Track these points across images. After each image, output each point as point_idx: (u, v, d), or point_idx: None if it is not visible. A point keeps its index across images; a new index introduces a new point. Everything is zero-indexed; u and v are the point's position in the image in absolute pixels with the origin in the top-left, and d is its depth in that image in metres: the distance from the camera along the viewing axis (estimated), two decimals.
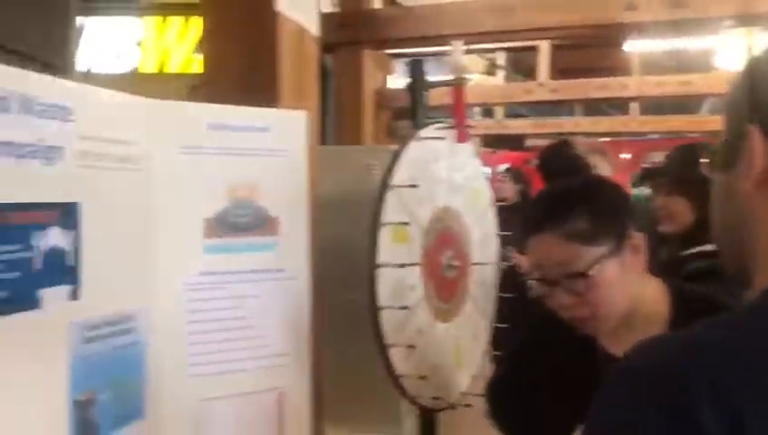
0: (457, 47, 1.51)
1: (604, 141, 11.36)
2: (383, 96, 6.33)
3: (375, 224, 1.38)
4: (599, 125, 8.63)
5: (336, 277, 1.49)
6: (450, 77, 1.65)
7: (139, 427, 1.11)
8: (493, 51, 8.68)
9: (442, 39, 4.88)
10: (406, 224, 1.39)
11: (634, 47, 7.80)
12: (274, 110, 1.32)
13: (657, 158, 11.47)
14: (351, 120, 4.57)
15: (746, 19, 5.26)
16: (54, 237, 0.94)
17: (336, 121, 4.63)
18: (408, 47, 6.23)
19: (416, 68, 1.49)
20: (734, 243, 0.67)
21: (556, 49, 8.01)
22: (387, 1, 6.23)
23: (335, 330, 1.49)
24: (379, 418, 1.83)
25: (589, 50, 8.33)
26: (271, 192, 1.28)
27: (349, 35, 4.36)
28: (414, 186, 1.43)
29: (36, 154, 0.91)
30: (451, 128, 1.51)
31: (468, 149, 1.64)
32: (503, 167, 13.11)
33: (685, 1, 3.34)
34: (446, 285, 1.49)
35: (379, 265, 1.36)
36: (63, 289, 0.96)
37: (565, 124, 8.92)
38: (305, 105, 1.43)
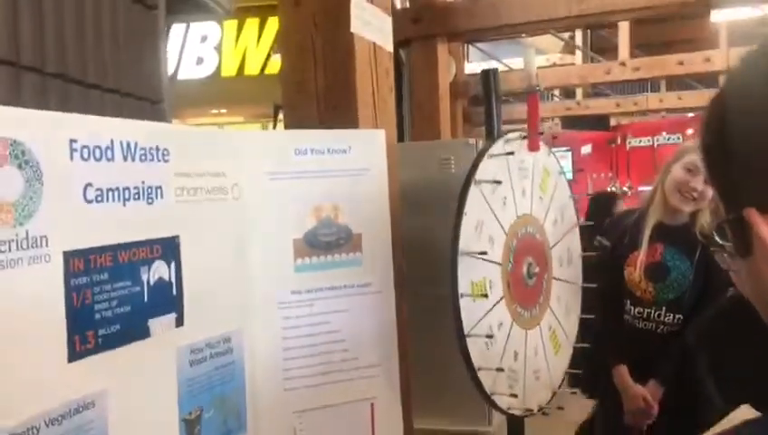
0: (530, 56, 1.52)
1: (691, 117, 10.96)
2: (459, 85, 6.32)
3: (459, 214, 1.39)
4: (684, 100, 8.33)
5: (416, 272, 1.53)
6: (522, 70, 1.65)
7: None
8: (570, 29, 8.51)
9: (515, 28, 4.84)
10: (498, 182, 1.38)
11: (721, 17, 7.47)
12: (354, 131, 1.36)
13: None
14: (427, 113, 4.60)
15: None
16: (159, 271, 1.01)
17: (412, 116, 4.66)
18: (482, 38, 6.20)
19: (488, 78, 1.50)
20: None
21: (635, 24, 7.77)
22: None
23: (420, 324, 1.52)
24: (468, 411, 1.86)
25: (670, 22, 8.04)
26: (353, 210, 1.33)
27: (422, 30, 4.38)
28: (498, 181, 1.44)
29: (139, 195, 0.98)
30: (525, 137, 1.52)
31: (550, 160, 1.65)
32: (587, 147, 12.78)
33: None
34: (526, 293, 1.51)
35: (460, 253, 1.37)
36: (169, 318, 1.03)
37: (649, 101, 8.63)
38: (383, 120, 1.48)
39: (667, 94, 8.53)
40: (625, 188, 11.03)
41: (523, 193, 1.54)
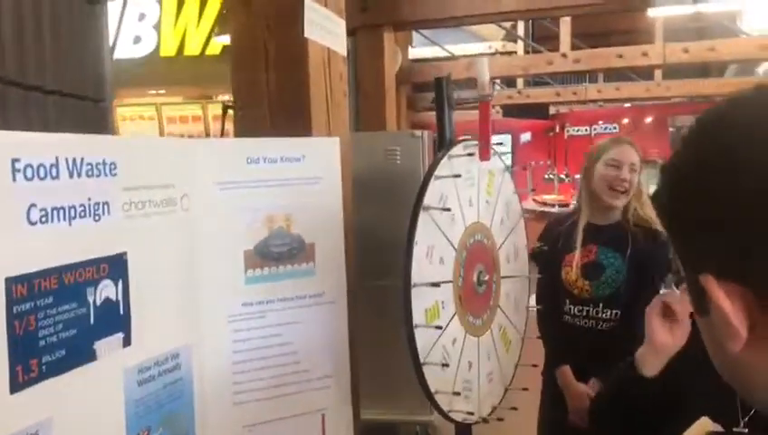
0: (483, 65, 1.51)
1: (627, 107, 11.23)
2: (403, 71, 6.30)
3: (410, 243, 1.39)
4: (621, 91, 8.51)
5: (362, 262, 1.52)
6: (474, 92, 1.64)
7: None
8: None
9: (461, 20, 4.84)
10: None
11: (658, 12, 7.64)
12: (308, 139, 1.34)
13: (682, 122, 11.32)
14: (374, 103, 4.57)
15: None
16: (106, 290, 0.97)
17: (358, 105, 4.63)
18: (427, 27, 6.18)
19: (440, 86, 1.48)
20: (735, 382, 0.59)
21: (576, 15, 7.87)
22: None
23: (366, 313, 1.51)
24: (410, 401, 1.86)
25: (610, 14, 8.17)
26: (306, 220, 1.31)
27: (369, 19, 4.34)
28: (447, 209, 1.44)
29: (86, 213, 0.94)
30: (477, 145, 1.52)
31: (498, 164, 1.65)
32: (527, 134, 12.94)
33: None
34: (477, 301, 1.51)
35: (413, 285, 1.38)
36: (116, 338, 1.00)
37: (588, 91, 8.79)
38: (337, 126, 1.45)
39: (605, 85, 8.70)
40: (562, 176, 11.27)
41: (470, 203, 1.54)
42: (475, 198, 1.60)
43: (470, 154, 1.56)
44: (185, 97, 9.12)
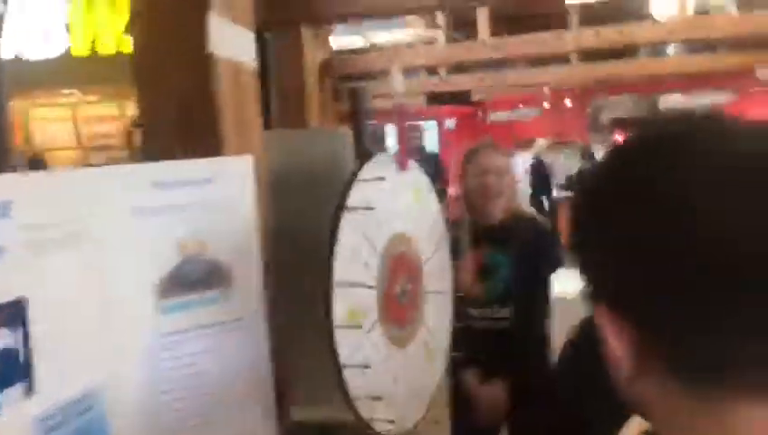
0: (397, 77, 1.50)
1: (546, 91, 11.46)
2: (326, 63, 6.24)
3: (332, 243, 1.36)
4: (541, 76, 8.69)
5: (285, 262, 1.49)
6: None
7: None
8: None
9: (378, 14, 4.82)
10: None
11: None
12: (218, 159, 1.30)
13: (599, 103, 11.62)
14: (294, 100, 4.50)
15: None
16: (3, 340, 0.92)
17: (279, 102, 4.55)
18: (346, 22, 6.14)
19: (356, 97, 1.47)
20: (634, 407, 0.60)
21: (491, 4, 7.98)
22: None
23: (289, 314, 1.49)
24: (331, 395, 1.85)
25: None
26: (221, 243, 1.27)
27: (285, 14, 4.26)
28: (370, 208, 1.42)
29: None
30: (396, 154, 1.51)
31: (420, 176, 1.65)
32: (452, 121, 13.08)
33: None
34: (400, 312, 1.51)
35: (334, 285, 1.35)
36: (18, 388, 0.94)
37: (509, 77, 8.94)
38: (250, 144, 1.41)
39: (524, 71, 8.85)
40: None
41: (395, 213, 1.53)
42: (401, 209, 1.60)
43: (392, 162, 1.56)
44: (101, 96, 8.84)
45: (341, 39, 8.06)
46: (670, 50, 8.91)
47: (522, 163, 9.22)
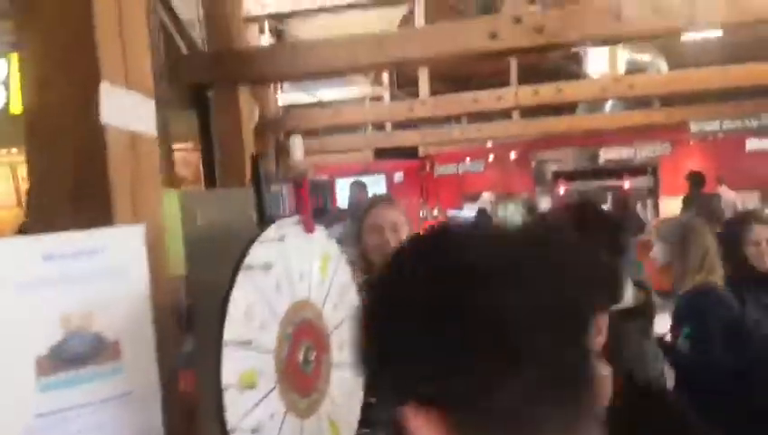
0: (295, 145, 1.50)
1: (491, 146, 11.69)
2: (271, 120, 6.27)
3: (225, 299, 1.33)
4: (483, 131, 8.87)
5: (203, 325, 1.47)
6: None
7: None
8: None
9: (316, 75, 4.89)
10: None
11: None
12: (108, 229, 1.27)
13: (542, 157, 11.88)
14: (233, 158, 4.49)
15: (600, 42, 5.51)
16: None
17: (222, 160, 4.54)
18: (283, 81, 6.22)
19: (255, 165, 1.47)
20: None
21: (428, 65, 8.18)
22: (274, 34, 6.19)
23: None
24: None
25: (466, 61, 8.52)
26: (109, 315, 1.24)
27: (223, 74, 4.28)
28: (268, 267, 1.40)
29: None
30: (299, 221, 1.51)
31: (327, 243, 1.64)
32: (400, 174, 13.22)
33: (543, 28, 3.46)
34: (303, 380, 1.48)
35: (225, 341, 1.31)
36: None
37: (453, 133, 9.11)
38: (146, 212, 1.39)
39: (467, 126, 9.04)
40: (435, 213, 11.56)
41: (300, 277, 1.52)
42: (307, 275, 1.58)
43: (296, 225, 1.55)
44: None
45: (289, 96, 8.15)
46: (608, 105, 9.22)
47: (466, 216, 9.33)
